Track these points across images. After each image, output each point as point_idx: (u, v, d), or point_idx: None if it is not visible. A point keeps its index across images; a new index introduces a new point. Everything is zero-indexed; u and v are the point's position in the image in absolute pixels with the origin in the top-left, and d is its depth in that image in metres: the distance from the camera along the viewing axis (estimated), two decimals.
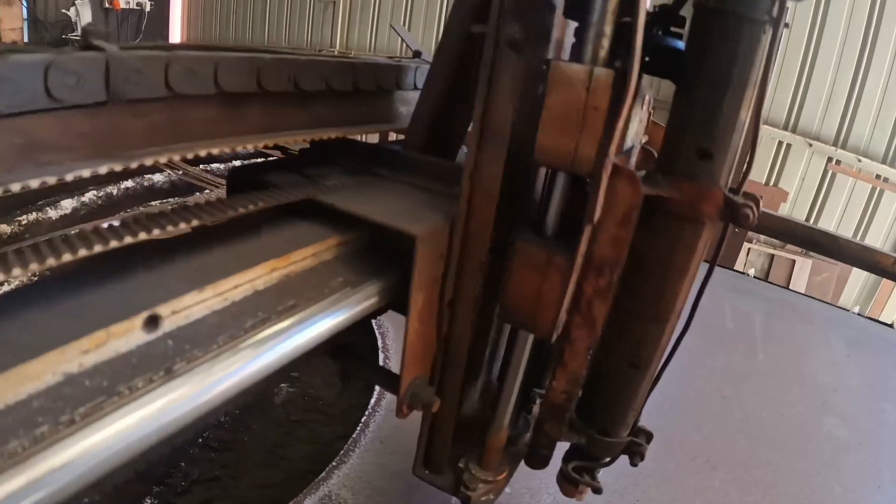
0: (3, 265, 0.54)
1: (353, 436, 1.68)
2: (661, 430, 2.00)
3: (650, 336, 0.90)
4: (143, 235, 0.67)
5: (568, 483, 1.10)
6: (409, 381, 0.86)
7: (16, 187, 0.56)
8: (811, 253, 6.89)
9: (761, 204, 0.86)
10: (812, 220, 7.08)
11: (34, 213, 4.19)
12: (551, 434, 0.95)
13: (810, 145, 7.01)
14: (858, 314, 3.81)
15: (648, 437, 1.09)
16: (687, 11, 0.83)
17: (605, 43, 0.68)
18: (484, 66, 0.71)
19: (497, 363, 1.09)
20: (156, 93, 0.70)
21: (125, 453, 0.55)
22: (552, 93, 0.65)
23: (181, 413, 0.60)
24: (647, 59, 0.93)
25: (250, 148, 0.79)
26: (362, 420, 1.75)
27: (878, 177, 6.83)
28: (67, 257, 0.58)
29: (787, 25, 0.81)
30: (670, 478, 1.83)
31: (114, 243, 0.65)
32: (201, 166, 4.68)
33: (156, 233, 0.69)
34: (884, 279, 6.64)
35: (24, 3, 9.22)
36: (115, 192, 4.60)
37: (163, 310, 0.62)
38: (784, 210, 7.14)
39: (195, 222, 0.72)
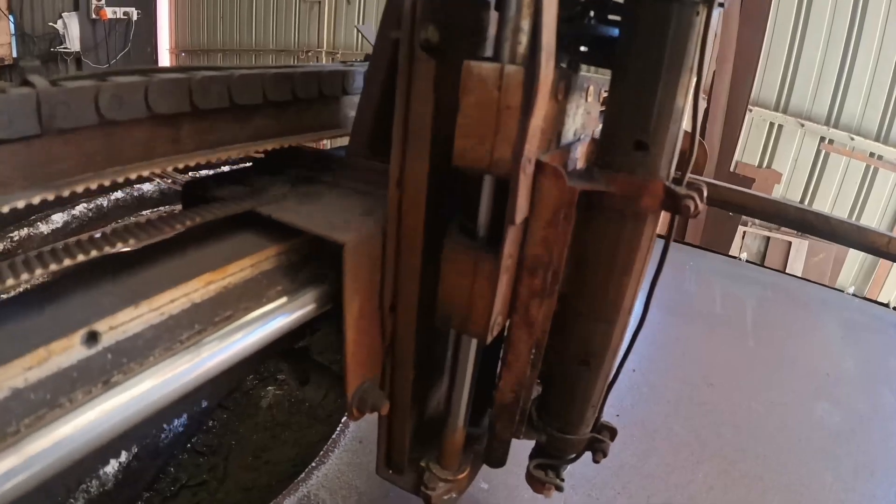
0: None
1: (333, 436, 1.69)
2: (644, 423, 2.03)
3: (598, 334, 0.90)
4: (81, 257, 0.69)
5: (534, 481, 1.11)
6: (355, 385, 0.87)
7: None
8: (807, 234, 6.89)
9: (704, 193, 0.85)
10: (807, 201, 7.07)
11: (26, 228, 4.22)
12: (502, 434, 0.96)
13: (802, 125, 6.99)
14: (854, 295, 3.78)
15: (612, 433, 1.09)
16: None
17: (523, 38, 0.67)
18: (401, 72, 0.72)
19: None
20: (87, 121, 0.72)
21: (67, 459, 0.59)
22: (465, 94, 0.65)
23: (119, 420, 0.63)
24: (583, 48, 0.94)
25: (181, 166, 0.80)
26: (342, 421, 1.76)
27: (871, 155, 6.81)
28: (10, 282, 0.60)
29: (721, 5, 0.79)
30: (652, 473, 1.82)
31: (53, 266, 0.67)
32: (190, 174, 4.68)
33: (93, 254, 0.70)
34: (881, 259, 6.64)
35: (11, 19, 9.19)
36: (105, 203, 4.62)
37: (101, 326, 0.64)
38: (778, 192, 7.13)
39: (132, 241, 0.73)
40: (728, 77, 6.61)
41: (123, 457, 1.89)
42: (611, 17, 0.89)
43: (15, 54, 9.46)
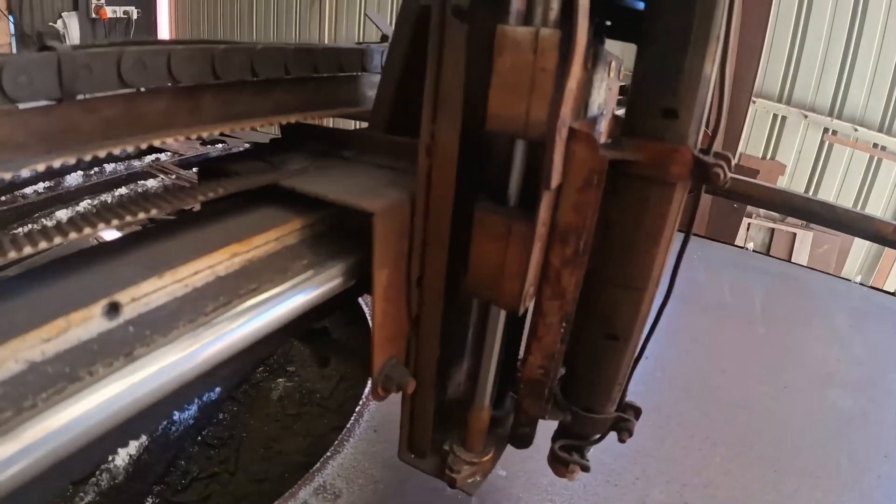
0: None
1: (348, 426, 1.67)
2: (660, 409, 2.01)
3: (626, 306, 0.88)
4: (101, 226, 0.67)
5: (558, 463, 1.09)
6: (381, 362, 0.85)
7: None
8: (812, 225, 6.87)
9: (732, 163, 0.84)
10: (811, 193, 7.05)
11: (30, 224, 4.21)
12: (530, 411, 0.94)
13: (805, 117, 6.96)
14: (861, 284, 3.77)
15: (637, 412, 1.07)
16: None
17: (555, 4, 0.66)
18: (432, 38, 0.70)
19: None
20: (108, 88, 0.70)
21: (87, 436, 0.56)
22: (500, 57, 0.64)
23: (142, 394, 0.60)
24: (608, 22, 0.92)
25: (205, 135, 0.78)
26: (356, 410, 1.74)
27: (875, 146, 6.79)
28: (28, 250, 0.58)
29: None
30: (669, 456, 1.81)
31: (73, 235, 0.65)
32: (194, 170, 4.68)
33: (114, 223, 0.68)
34: (886, 249, 6.63)
35: (11, 19, 9.17)
36: (109, 200, 4.60)
37: (122, 297, 0.62)
38: (782, 183, 7.10)
39: (154, 211, 0.71)
40: (732, 69, 6.59)
41: (134, 450, 1.87)
42: None
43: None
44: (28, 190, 3.95)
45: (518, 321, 1.03)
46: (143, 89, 0.75)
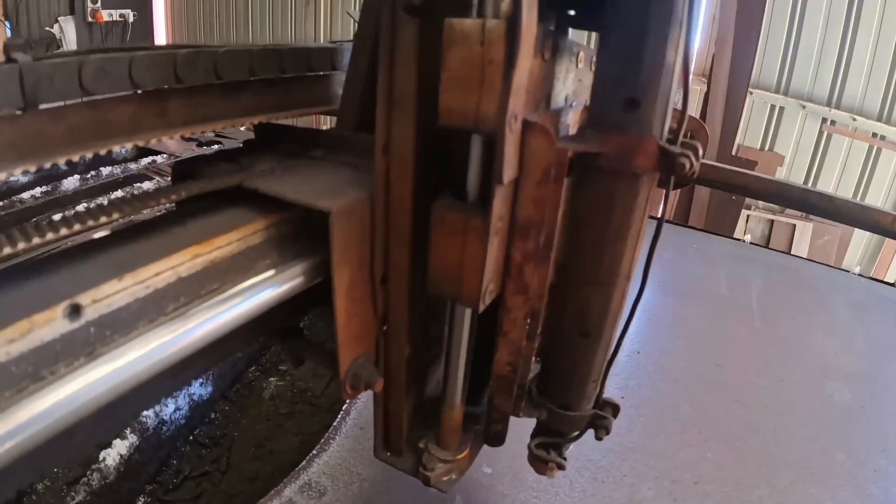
0: None
1: (334, 423, 1.68)
2: (652, 403, 2.01)
3: (596, 302, 0.88)
4: (64, 231, 0.68)
5: (536, 461, 1.09)
6: (347, 361, 0.85)
7: None
8: (811, 216, 6.85)
9: (700, 153, 0.82)
10: (810, 183, 7.03)
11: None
12: (501, 408, 0.94)
13: (803, 107, 6.95)
14: (860, 275, 3.74)
15: (615, 409, 1.06)
16: None
17: None
18: (383, 35, 0.70)
19: None
20: (71, 96, 0.71)
21: (49, 431, 0.58)
22: (448, 51, 0.63)
23: (103, 391, 0.62)
24: (572, 12, 0.91)
25: (169, 139, 0.78)
26: (343, 408, 1.75)
27: (874, 135, 6.77)
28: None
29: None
30: (660, 452, 1.81)
31: (36, 240, 0.66)
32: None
33: (76, 228, 0.69)
34: (886, 239, 6.61)
35: (8, 24, 9.18)
36: (104, 202, 4.61)
37: (83, 299, 0.62)
38: (781, 174, 7.10)
39: (116, 215, 0.72)
40: (728, 60, 6.59)
41: (125, 449, 1.88)
42: None
43: None
44: (25, 195, 3.97)
45: (494, 317, 1.03)
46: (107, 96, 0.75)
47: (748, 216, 6.84)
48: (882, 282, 3.84)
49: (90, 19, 9.81)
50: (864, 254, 7.12)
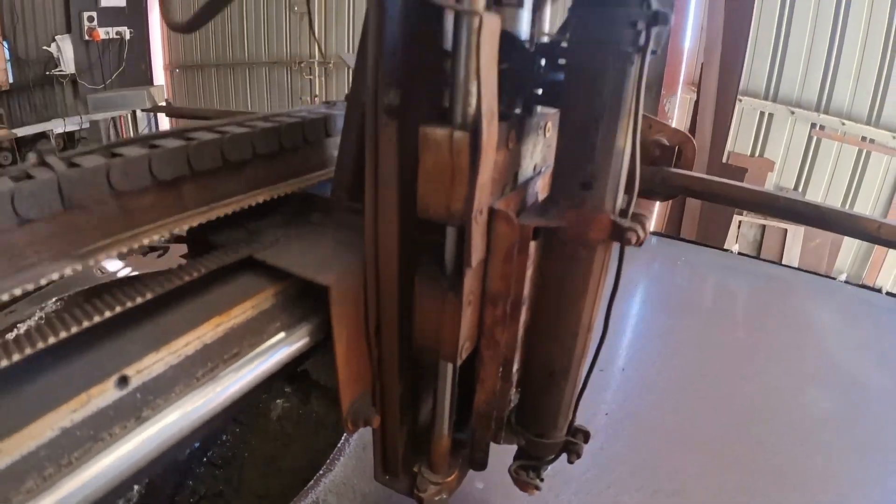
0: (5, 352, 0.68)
1: (339, 444, 1.81)
2: (636, 416, 2.14)
3: (561, 349, 1.01)
4: (108, 314, 0.81)
5: (518, 481, 1.23)
6: (349, 401, 0.99)
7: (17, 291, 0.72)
8: None
9: (648, 224, 0.96)
10: (801, 188, 7.15)
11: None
12: (481, 439, 1.08)
13: (792, 113, 7.08)
14: (846, 282, 3.84)
15: (585, 436, 1.19)
16: None
17: (472, 101, 0.77)
18: (368, 131, 0.83)
19: None
20: (102, 195, 0.85)
21: (111, 483, 0.72)
22: (423, 155, 0.77)
23: (152, 447, 0.77)
24: (538, 91, 1.04)
25: (188, 227, 0.93)
26: None
27: (863, 139, 6.89)
28: (52, 340, 0.72)
29: (654, 52, 0.86)
30: (643, 462, 1.91)
31: (85, 323, 0.79)
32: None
33: (118, 309, 0.83)
34: None
35: (6, 44, 9.27)
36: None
37: (130, 370, 0.76)
38: (772, 179, 7.22)
39: (149, 295, 0.86)
40: (716, 68, 6.70)
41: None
42: (560, 60, 0.98)
43: (11, 80, 9.47)
44: None
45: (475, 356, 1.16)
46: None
47: (740, 222, 6.96)
48: (868, 287, 3.92)
49: (87, 38, 9.89)
50: (855, 255, 7.23)
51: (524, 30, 0.96)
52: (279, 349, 0.90)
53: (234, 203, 0.99)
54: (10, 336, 0.75)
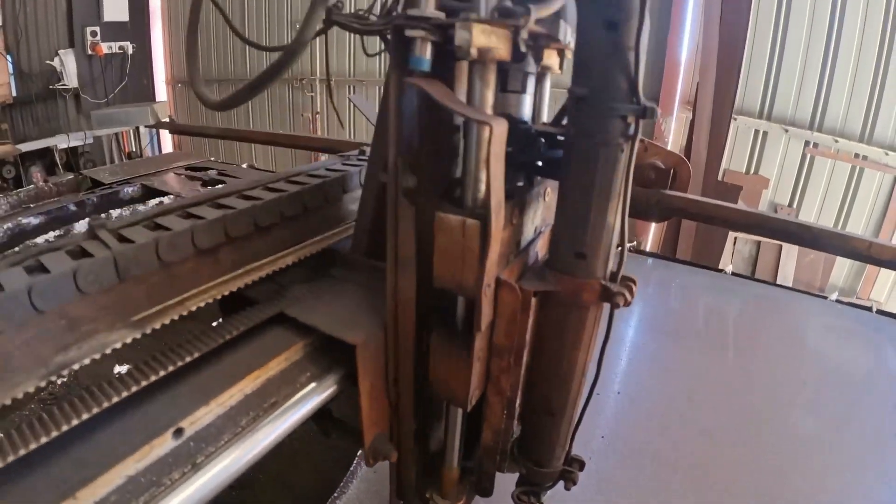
0: (68, 413, 0.80)
1: (351, 468, 1.93)
2: (627, 441, 2.25)
3: (559, 391, 1.13)
4: (161, 373, 0.94)
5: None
6: (370, 439, 1.12)
7: (75, 366, 0.84)
8: None
9: (635, 287, 1.06)
10: (795, 204, 7.28)
11: None
12: (487, 469, 1.20)
13: (786, 131, 7.21)
14: (837, 301, 3.90)
15: (581, 464, 1.31)
16: None
17: (482, 187, 0.91)
18: (389, 211, 0.96)
19: None
20: (151, 267, 0.97)
21: None
22: (438, 236, 0.90)
23: (206, 492, 0.88)
24: (539, 164, 1.17)
25: (225, 292, 1.05)
26: (358, 454, 2.00)
27: (856, 155, 7.00)
28: (105, 404, 0.84)
29: (642, 141, 0.99)
30: (632, 483, 2.03)
31: (143, 382, 0.91)
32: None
33: (170, 368, 0.95)
34: None
35: (9, 58, 9.37)
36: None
37: (184, 423, 0.89)
38: (766, 196, 7.35)
39: (196, 354, 0.98)
40: (711, 88, 6.84)
41: None
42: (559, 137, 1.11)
43: (14, 93, 9.58)
44: (39, 239, 4.21)
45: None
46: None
47: (735, 238, 7.09)
48: (858, 306, 3.97)
49: (90, 52, 10.02)
50: (849, 270, 7.35)
51: (527, 112, 1.08)
52: (311, 398, 1.02)
53: (267, 265, 1.12)
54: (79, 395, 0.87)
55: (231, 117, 10.97)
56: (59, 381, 2.32)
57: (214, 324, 1.04)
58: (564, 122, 0.99)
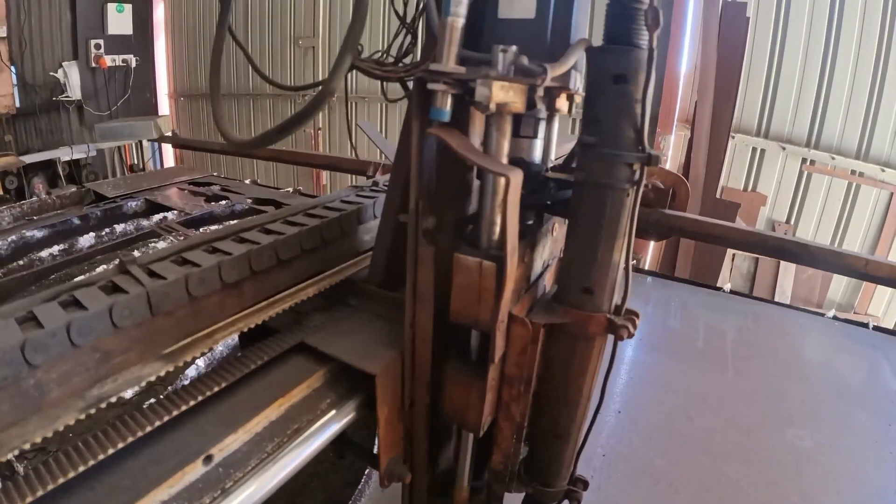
0: (103, 442, 0.85)
1: (359, 487, 1.98)
2: (627, 459, 2.30)
3: (565, 415, 1.19)
4: (192, 402, 0.99)
5: None
6: (385, 461, 1.17)
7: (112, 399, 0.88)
8: None
9: (637, 320, 1.11)
10: (792, 220, 7.32)
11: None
12: (496, 492, 1.25)
13: (783, 148, 7.26)
14: (834, 318, 3.93)
15: (584, 484, 1.36)
16: None
17: (496, 230, 0.97)
18: (409, 250, 1.02)
19: None
20: (181, 301, 1.03)
21: None
22: (456, 276, 0.96)
23: None
24: (549, 203, 1.23)
25: (252, 325, 1.11)
26: (366, 472, 2.05)
27: (853, 172, 7.04)
28: (139, 434, 0.89)
29: (646, 186, 1.04)
30: (634, 502, 2.08)
31: (174, 412, 0.97)
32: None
33: (199, 398, 1.00)
34: None
35: (13, 69, 9.40)
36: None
37: (214, 450, 0.94)
38: (763, 213, 7.39)
39: (223, 384, 1.04)
40: (709, 107, 6.90)
41: None
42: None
43: (18, 105, 9.57)
44: (44, 253, 4.23)
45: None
46: None
47: (734, 255, 7.13)
48: (855, 323, 4.00)
49: (94, 64, 9.98)
50: (847, 286, 7.37)
51: (538, 154, 1.15)
52: (331, 423, 1.08)
53: (289, 298, 1.17)
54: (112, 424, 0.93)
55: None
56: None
57: (239, 354, 1.09)
58: (574, 164, 1.05)
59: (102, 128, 9.81)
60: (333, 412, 1.08)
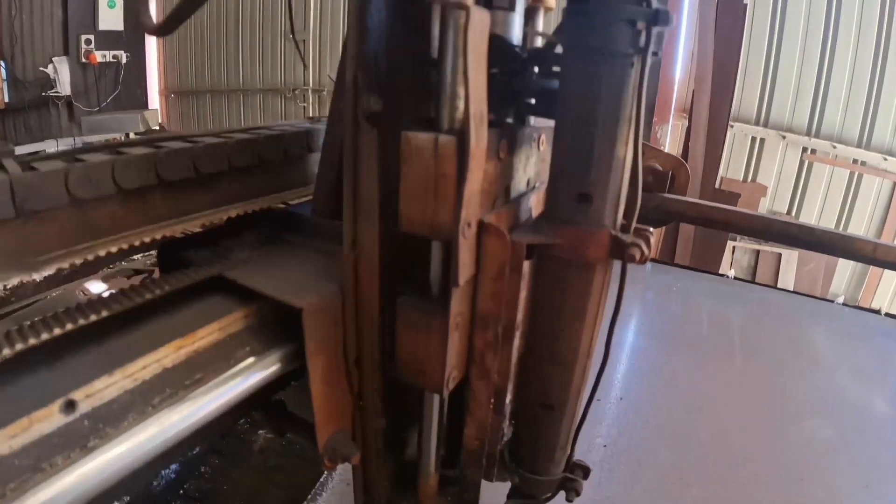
0: None
1: (321, 480, 1.72)
2: (631, 452, 2.04)
3: (557, 378, 0.92)
4: (57, 331, 0.74)
5: None
6: (325, 437, 0.91)
7: None
8: None
9: (651, 241, 0.86)
10: (794, 212, 7.15)
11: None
12: (473, 478, 0.99)
13: (784, 138, 7.11)
14: (844, 304, 3.75)
15: (585, 471, 1.10)
16: None
17: (460, 104, 0.70)
18: (346, 143, 0.76)
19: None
20: (59, 202, 0.77)
21: None
22: (405, 164, 0.69)
23: (97, 482, 0.68)
24: (531, 101, 0.97)
25: (154, 238, 0.85)
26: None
27: (854, 161, 6.90)
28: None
29: (655, 54, 0.78)
30: (639, 500, 1.83)
31: (32, 341, 0.71)
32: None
33: (68, 327, 0.75)
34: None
35: (3, 64, 9.30)
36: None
37: (78, 395, 0.68)
38: (764, 204, 7.21)
39: (105, 313, 0.78)
40: (707, 95, 6.72)
41: None
42: (554, 68, 0.91)
43: (7, 100, 9.49)
44: None
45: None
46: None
47: (734, 247, 6.92)
48: (866, 309, 3.84)
49: (84, 60, 9.94)
50: (850, 279, 7.21)
51: (516, 35, 0.90)
52: (248, 376, 0.82)
53: (204, 217, 0.91)
54: None
55: (222, 125, 10.84)
56: None
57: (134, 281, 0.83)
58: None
59: (90, 121, 9.68)
60: (251, 361, 0.83)
